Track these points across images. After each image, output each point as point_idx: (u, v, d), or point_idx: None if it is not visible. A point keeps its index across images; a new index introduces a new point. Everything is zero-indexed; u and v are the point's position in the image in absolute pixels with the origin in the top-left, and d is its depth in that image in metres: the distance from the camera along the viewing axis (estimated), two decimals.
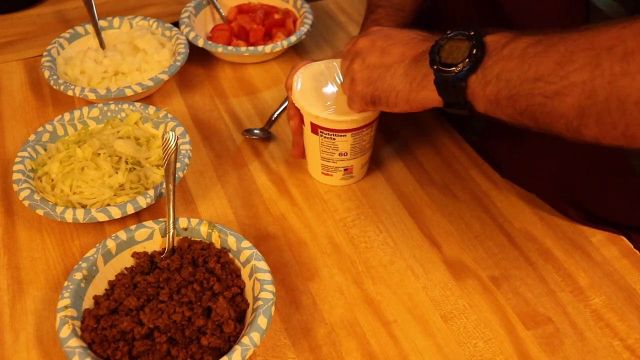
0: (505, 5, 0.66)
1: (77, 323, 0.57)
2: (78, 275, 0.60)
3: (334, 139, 0.71)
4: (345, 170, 0.75)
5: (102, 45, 0.93)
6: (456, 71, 0.53)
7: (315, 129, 0.71)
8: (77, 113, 0.79)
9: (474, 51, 0.53)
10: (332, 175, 0.75)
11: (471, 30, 0.55)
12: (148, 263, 0.64)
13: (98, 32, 0.93)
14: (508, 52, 0.51)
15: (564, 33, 0.49)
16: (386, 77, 0.61)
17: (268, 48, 0.91)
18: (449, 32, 0.57)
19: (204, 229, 0.65)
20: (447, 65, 0.54)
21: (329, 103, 0.70)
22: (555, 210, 0.73)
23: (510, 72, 0.50)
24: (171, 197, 0.66)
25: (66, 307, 0.57)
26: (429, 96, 0.57)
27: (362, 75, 0.63)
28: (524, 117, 0.51)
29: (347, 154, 0.72)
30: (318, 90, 0.71)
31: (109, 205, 0.69)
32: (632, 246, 0.69)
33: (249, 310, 0.60)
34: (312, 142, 0.73)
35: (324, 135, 0.71)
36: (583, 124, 0.47)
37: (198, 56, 0.95)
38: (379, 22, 0.79)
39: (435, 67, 0.55)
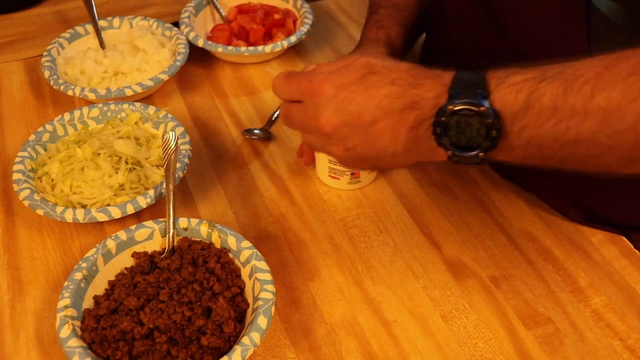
0: (502, 6, 0.65)
1: (77, 323, 0.57)
2: (78, 275, 0.60)
3: None
4: (352, 174, 0.74)
5: (102, 45, 0.93)
6: (477, 155, 0.48)
7: None
8: (77, 113, 0.79)
9: (493, 133, 0.47)
10: (339, 178, 0.75)
11: (476, 90, 0.47)
12: (148, 263, 0.64)
13: (98, 32, 0.93)
14: (534, 116, 0.45)
15: (586, 73, 0.44)
16: (385, 159, 0.54)
17: (268, 48, 0.91)
18: (450, 106, 0.48)
19: (204, 229, 0.65)
20: (463, 148, 0.48)
21: None
22: (556, 210, 0.73)
23: (544, 137, 0.45)
24: (171, 197, 0.66)
25: (66, 307, 0.57)
26: (439, 162, 0.52)
27: (351, 159, 0.55)
28: (551, 166, 0.48)
29: None
30: None
31: (109, 205, 0.69)
32: (632, 246, 0.69)
33: (249, 310, 0.60)
34: None
35: None
36: (624, 169, 0.45)
37: (198, 56, 0.95)
38: (381, 22, 0.79)
39: (449, 152, 0.49)
